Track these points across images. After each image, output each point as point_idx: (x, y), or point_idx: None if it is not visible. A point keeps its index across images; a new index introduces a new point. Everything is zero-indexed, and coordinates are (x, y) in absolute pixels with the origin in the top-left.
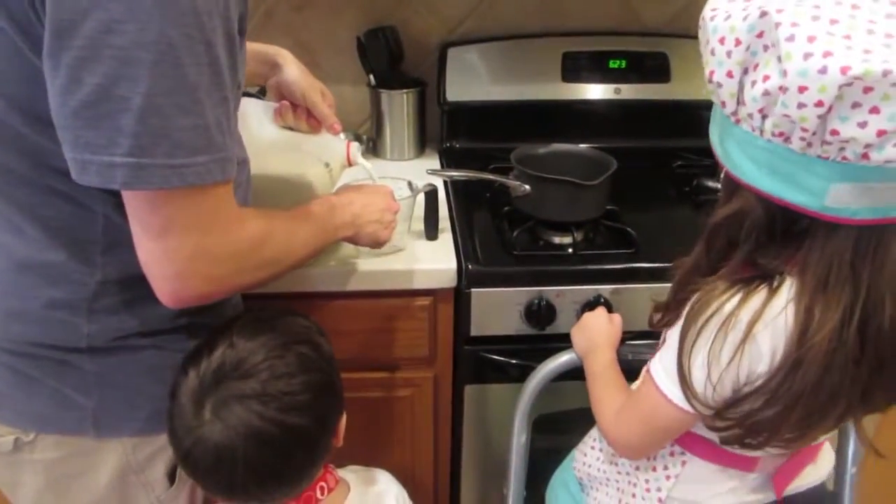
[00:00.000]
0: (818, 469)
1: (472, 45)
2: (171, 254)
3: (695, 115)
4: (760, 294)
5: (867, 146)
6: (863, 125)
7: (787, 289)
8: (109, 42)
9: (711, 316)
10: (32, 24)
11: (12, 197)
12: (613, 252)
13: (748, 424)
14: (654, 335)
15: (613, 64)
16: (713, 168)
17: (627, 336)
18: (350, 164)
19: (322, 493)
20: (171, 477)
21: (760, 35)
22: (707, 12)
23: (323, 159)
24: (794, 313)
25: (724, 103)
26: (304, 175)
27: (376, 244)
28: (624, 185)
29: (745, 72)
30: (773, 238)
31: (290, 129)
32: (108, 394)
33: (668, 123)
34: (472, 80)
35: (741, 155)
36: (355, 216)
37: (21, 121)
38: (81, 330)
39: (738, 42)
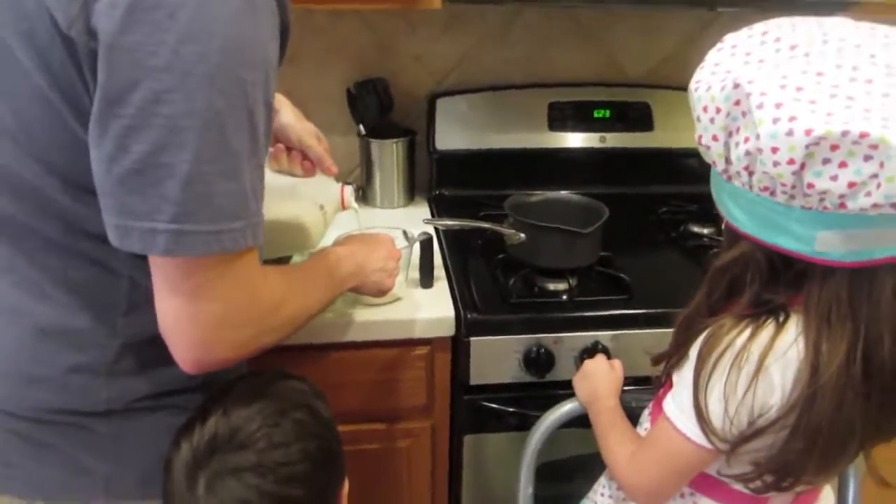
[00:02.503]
0: None
1: (460, 95)
2: (198, 320)
3: (678, 163)
4: (769, 329)
5: (842, 196)
6: (834, 178)
7: (795, 323)
8: (159, 111)
9: (724, 351)
10: (78, 92)
11: (41, 261)
12: (609, 298)
13: (782, 469)
14: (651, 380)
15: (598, 113)
16: (699, 214)
17: (628, 381)
18: (344, 208)
19: None
20: None
21: (737, 103)
22: (692, 84)
23: (317, 202)
24: (804, 349)
25: (714, 163)
26: (299, 218)
27: (380, 293)
28: (613, 232)
29: (730, 135)
30: (777, 277)
31: (284, 172)
32: (122, 456)
33: (652, 171)
34: (461, 129)
35: (736, 207)
36: (360, 266)
37: (58, 187)
38: (101, 394)
39: (718, 110)
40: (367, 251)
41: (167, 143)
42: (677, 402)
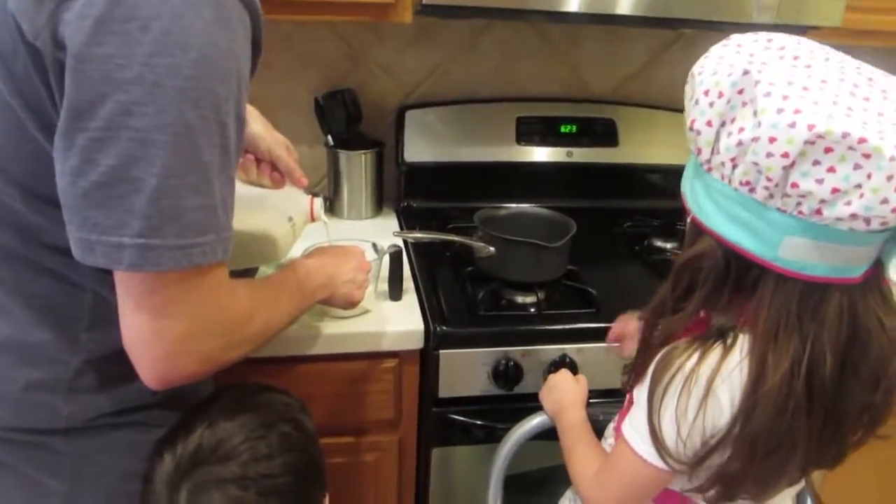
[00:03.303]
0: None
1: (429, 108)
2: (163, 334)
3: (642, 178)
4: (716, 351)
5: (821, 202)
6: (820, 181)
7: (741, 345)
8: (128, 124)
9: (675, 374)
10: (42, 102)
11: None
12: (576, 312)
13: (724, 481)
14: (619, 393)
15: (565, 129)
16: (662, 228)
17: (593, 394)
18: (313, 220)
19: None
20: None
21: (741, 91)
22: (696, 69)
23: (287, 214)
24: (748, 363)
25: (699, 150)
26: (268, 230)
27: (350, 304)
28: (580, 246)
29: (723, 124)
30: (725, 285)
31: (253, 184)
32: (82, 474)
33: (617, 186)
34: (430, 142)
35: (708, 201)
36: (330, 278)
37: (18, 197)
38: (60, 412)
39: (720, 94)
40: (337, 263)
41: (136, 156)
42: (634, 424)
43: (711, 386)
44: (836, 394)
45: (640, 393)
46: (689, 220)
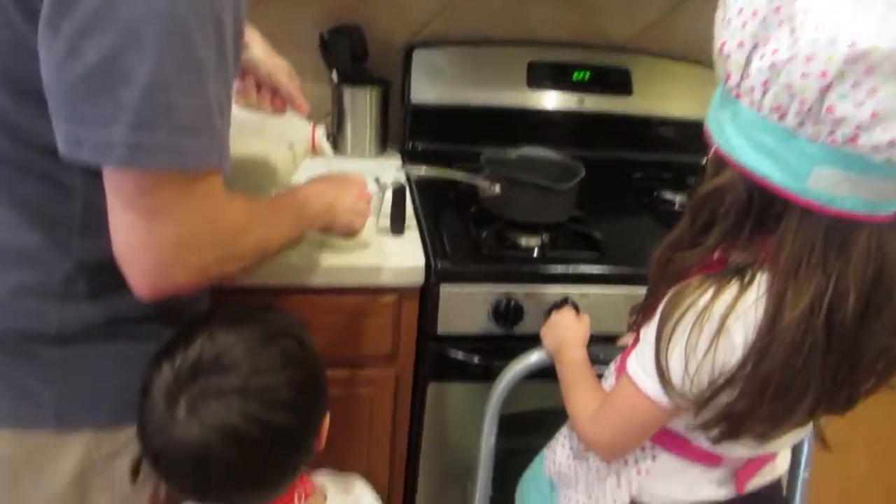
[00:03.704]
0: (775, 467)
1: (438, 49)
2: (156, 241)
3: (655, 131)
4: (732, 288)
5: (858, 128)
6: (859, 104)
7: (759, 283)
8: (115, 13)
9: (687, 310)
10: None
11: None
12: (581, 255)
13: (729, 420)
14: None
15: (577, 76)
16: (672, 182)
17: (595, 338)
18: (314, 149)
19: (299, 500)
20: (135, 471)
21: (777, 10)
22: None
23: (287, 141)
24: (766, 300)
25: (728, 75)
26: (267, 156)
27: (351, 234)
28: (587, 193)
29: (756, 46)
30: (746, 220)
31: (253, 109)
32: (73, 382)
33: (628, 136)
34: (437, 83)
35: (733, 130)
36: (330, 205)
37: (3, 94)
38: (51, 317)
39: (755, 13)
40: (338, 191)
41: (124, 47)
42: (640, 361)
43: (725, 323)
44: (855, 334)
45: (648, 331)
46: (711, 152)
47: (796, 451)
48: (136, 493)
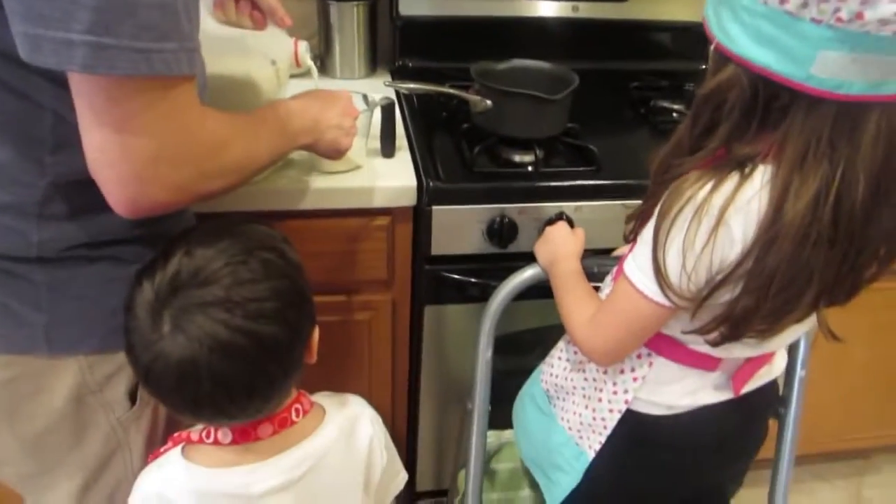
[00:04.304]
0: (772, 369)
1: None
2: (130, 153)
3: (651, 38)
4: (732, 180)
5: (863, 3)
6: None
7: (761, 174)
8: None
9: (685, 204)
10: None
11: None
12: (575, 169)
13: (730, 321)
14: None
15: None
16: (670, 90)
17: (590, 253)
18: (298, 65)
19: (297, 416)
20: (132, 397)
21: None
22: None
23: (269, 57)
24: (770, 191)
25: None
26: (249, 73)
27: (337, 152)
28: (581, 105)
29: None
30: (753, 115)
31: (232, 24)
32: (62, 307)
33: (624, 45)
34: None
35: (733, 23)
36: (315, 122)
37: None
38: (31, 238)
39: None
40: (322, 107)
41: None
42: (637, 262)
43: (724, 216)
44: (864, 220)
45: (646, 231)
46: (711, 48)
47: (793, 350)
48: (135, 417)
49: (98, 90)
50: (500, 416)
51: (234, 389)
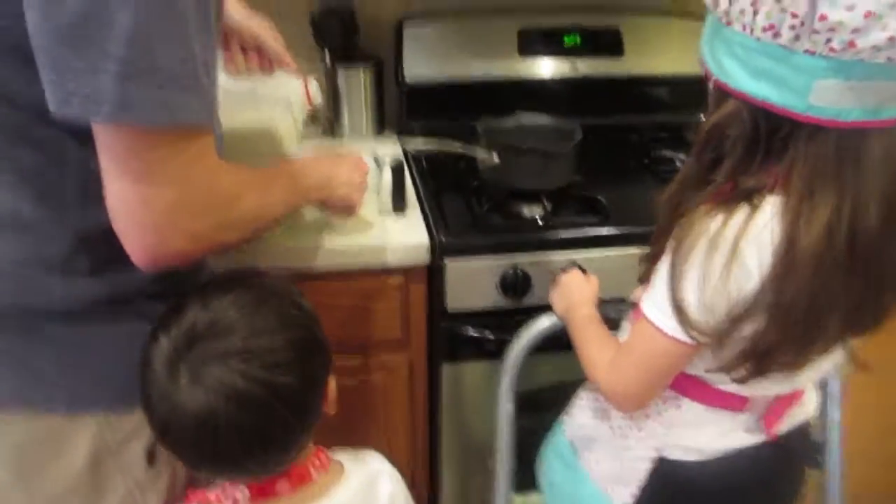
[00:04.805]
0: (804, 408)
1: (427, 22)
2: (150, 204)
3: (649, 91)
4: (743, 211)
5: (854, 31)
6: (850, 8)
7: (770, 205)
8: None
9: (698, 238)
10: None
11: None
12: (585, 219)
13: (755, 356)
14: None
15: (569, 40)
16: (670, 141)
17: (603, 302)
18: (310, 102)
19: (316, 472)
20: (150, 458)
21: None
22: None
23: (283, 103)
24: (780, 223)
25: (717, 2)
26: (271, 126)
27: (349, 208)
28: (585, 158)
29: None
30: (756, 148)
31: (242, 74)
32: (83, 364)
33: (624, 99)
34: (430, 57)
35: (729, 58)
36: (326, 178)
37: None
38: (55, 291)
39: None
40: (334, 163)
41: None
42: (654, 300)
43: (738, 247)
44: (881, 245)
45: (660, 269)
46: (710, 86)
47: (825, 391)
48: (152, 478)
49: (120, 140)
50: (526, 478)
51: (251, 440)
